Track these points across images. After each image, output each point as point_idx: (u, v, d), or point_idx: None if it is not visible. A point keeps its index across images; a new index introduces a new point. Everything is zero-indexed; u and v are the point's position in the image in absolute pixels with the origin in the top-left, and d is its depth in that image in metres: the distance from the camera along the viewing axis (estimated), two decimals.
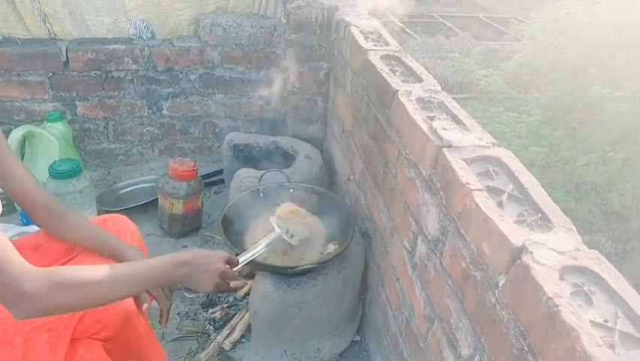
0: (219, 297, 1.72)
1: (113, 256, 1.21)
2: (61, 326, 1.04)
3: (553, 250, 0.81)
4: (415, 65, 1.55)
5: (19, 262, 0.88)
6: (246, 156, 2.14)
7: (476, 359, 0.94)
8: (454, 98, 1.35)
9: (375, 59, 1.59)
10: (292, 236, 1.47)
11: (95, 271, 0.96)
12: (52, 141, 2.00)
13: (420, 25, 6.92)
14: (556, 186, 4.18)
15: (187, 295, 1.15)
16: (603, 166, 4.09)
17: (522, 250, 0.81)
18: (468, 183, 0.97)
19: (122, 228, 1.30)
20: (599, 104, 4.07)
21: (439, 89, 1.40)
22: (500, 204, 0.93)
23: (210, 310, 1.66)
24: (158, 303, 1.25)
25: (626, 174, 4.04)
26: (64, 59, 2.13)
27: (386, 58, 1.61)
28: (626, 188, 4.05)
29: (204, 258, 1.08)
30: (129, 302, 1.19)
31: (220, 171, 2.30)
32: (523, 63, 5.07)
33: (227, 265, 1.11)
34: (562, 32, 4.51)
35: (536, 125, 4.39)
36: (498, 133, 4.42)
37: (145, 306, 1.21)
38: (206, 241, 2.02)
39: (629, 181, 4.02)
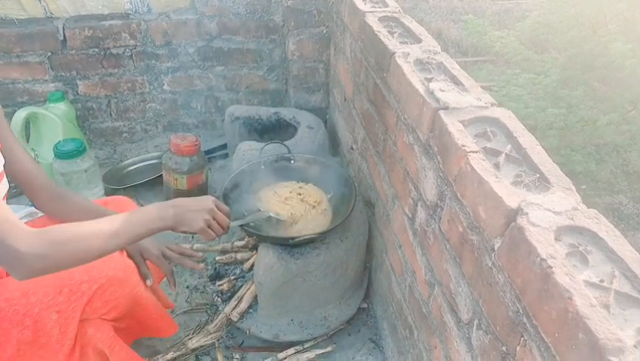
0: (226, 269, 1.73)
1: None
2: (69, 307, 1.06)
3: (549, 210, 0.78)
4: (414, 26, 1.49)
5: (13, 225, 0.89)
6: (248, 129, 2.12)
7: (475, 323, 0.92)
8: (468, 62, 1.31)
9: (372, 21, 1.54)
10: (279, 214, 1.51)
11: (89, 225, 0.97)
12: (55, 121, 2.01)
13: None
14: (575, 148, 4.08)
15: (181, 234, 1.16)
16: (625, 125, 3.97)
17: (517, 211, 0.78)
18: (464, 146, 0.94)
19: (124, 209, 1.29)
20: (620, 61, 3.92)
21: (439, 50, 1.35)
22: (497, 166, 0.90)
23: (218, 283, 1.67)
24: (160, 268, 1.27)
25: None
26: (62, 38, 2.11)
27: (384, 19, 1.56)
28: None
29: (192, 199, 1.12)
30: (136, 282, 1.20)
31: (225, 145, 2.29)
32: (540, 22, 4.89)
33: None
34: None
35: (554, 86, 4.26)
36: (514, 96, 4.31)
37: (148, 282, 1.23)
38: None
39: None
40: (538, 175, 0.87)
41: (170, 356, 1.45)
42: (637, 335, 0.60)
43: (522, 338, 0.75)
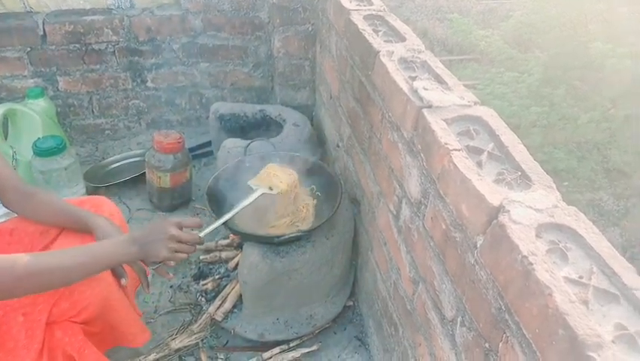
0: (210, 268, 1.72)
1: (84, 228, 1.19)
2: (36, 309, 1.04)
3: (530, 208, 0.79)
4: (398, 25, 1.50)
5: None
6: (233, 126, 2.10)
7: (459, 320, 0.93)
8: (453, 60, 1.32)
9: (357, 19, 1.54)
10: (271, 188, 1.45)
11: (56, 258, 0.98)
12: (34, 117, 1.96)
13: None
14: (557, 146, 4.15)
15: (152, 269, 1.18)
16: (605, 123, 4.05)
17: (499, 209, 0.79)
18: (447, 144, 0.94)
19: (100, 209, 1.27)
20: (599, 60, 3.99)
21: (423, 49, 1.35)
22: (479, 164, 0.91)
23: (202, 282, 1.66)
24: (133, 269, 1.26)
25: (628, 131, 4.00)
26: (42, 33, 2.07)
27: (369, 18, 1.56)
28: (628, 144, 4.02)
29: (151, 228, 1.10)
30: (107, 283, 1.17)
31: (209, 143, 2.27)
32: (523, 21, 4.96)
33: (181, 229, 1.13)
34: None
35: (537, 85, 4.32)
36: (499, 94, 4.36)
37: (123, 281, 1.20)
38: (197, 214, 2.01)
39: (630, 138, 3.98)
40: (519, 173, 0.88)
41: (152, 357, 1.44)
42: (615, 330, 0.61)
43: (504, 335, 0.76)
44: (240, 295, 1.55)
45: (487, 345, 0.81)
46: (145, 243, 1.07)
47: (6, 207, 1.20)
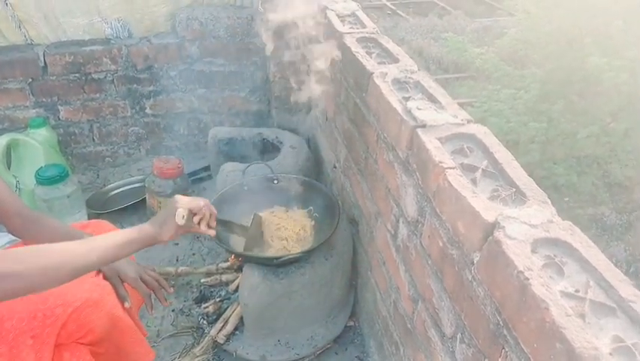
0: (212, 291, 1.72)
1: None
2: (44, 332, 1.04)
3: (525, 223, 0.79)
4: (391, 46, 1.52)
5: None
6: (231, 150, 2.12)
7: (458, 336, 0.93)
8: (449, 79, 1.33)
9: (351, 42, 1.57)
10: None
11: (59, 244, 0.94)
12: (36, 147, 2.00)
13: (412, 7, 6.83)
14: (557, 161, 4.14)
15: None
16: (604, 137, 4.04)
17: (494, 225, 0.79)
18: (441, 162, 0.96)
19: (102, 232, 1.28)
20: (596, 74, 4.01)
21: (416, 69, 1.38)
22: (474, 181, 0.92)
23: (203, 305, 1.66)
24: (138, 291, 1.25)
25: (628, 145, 3.99)
26: (42, 64, 2.12)
27: (362, 40, 1.59)
28: (629, 158, 4.00)
29: (162, 210, 1.14)
30: (113, 304, 1.17)
31: (208, 167, 2.29)
32: (518, 38, 4.99)
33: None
34: (557, 4, 4.43)
35: (534, 101, 4.34)
36: (496, 111, 4.37)
37: (126, 304, 1.20)
38: (197, 237, 2.01)
39: (631, 151, 3.97)
40: (514, 189, 0.88)
41: None
42: (612, 343, 0.62)
43: (503, 350, 0.76)
44: (242, 318, 1.55)
45: None
46: (159, 220, 1.09)
47: (10, 233, 1.21)
